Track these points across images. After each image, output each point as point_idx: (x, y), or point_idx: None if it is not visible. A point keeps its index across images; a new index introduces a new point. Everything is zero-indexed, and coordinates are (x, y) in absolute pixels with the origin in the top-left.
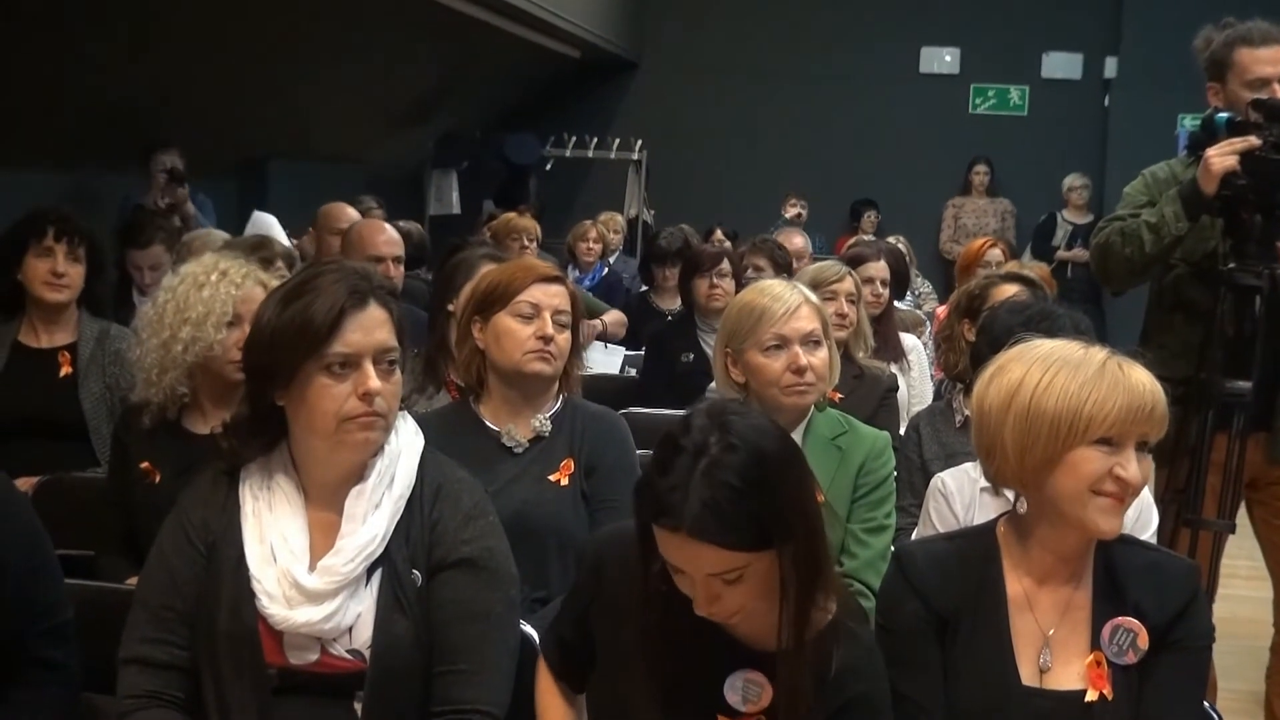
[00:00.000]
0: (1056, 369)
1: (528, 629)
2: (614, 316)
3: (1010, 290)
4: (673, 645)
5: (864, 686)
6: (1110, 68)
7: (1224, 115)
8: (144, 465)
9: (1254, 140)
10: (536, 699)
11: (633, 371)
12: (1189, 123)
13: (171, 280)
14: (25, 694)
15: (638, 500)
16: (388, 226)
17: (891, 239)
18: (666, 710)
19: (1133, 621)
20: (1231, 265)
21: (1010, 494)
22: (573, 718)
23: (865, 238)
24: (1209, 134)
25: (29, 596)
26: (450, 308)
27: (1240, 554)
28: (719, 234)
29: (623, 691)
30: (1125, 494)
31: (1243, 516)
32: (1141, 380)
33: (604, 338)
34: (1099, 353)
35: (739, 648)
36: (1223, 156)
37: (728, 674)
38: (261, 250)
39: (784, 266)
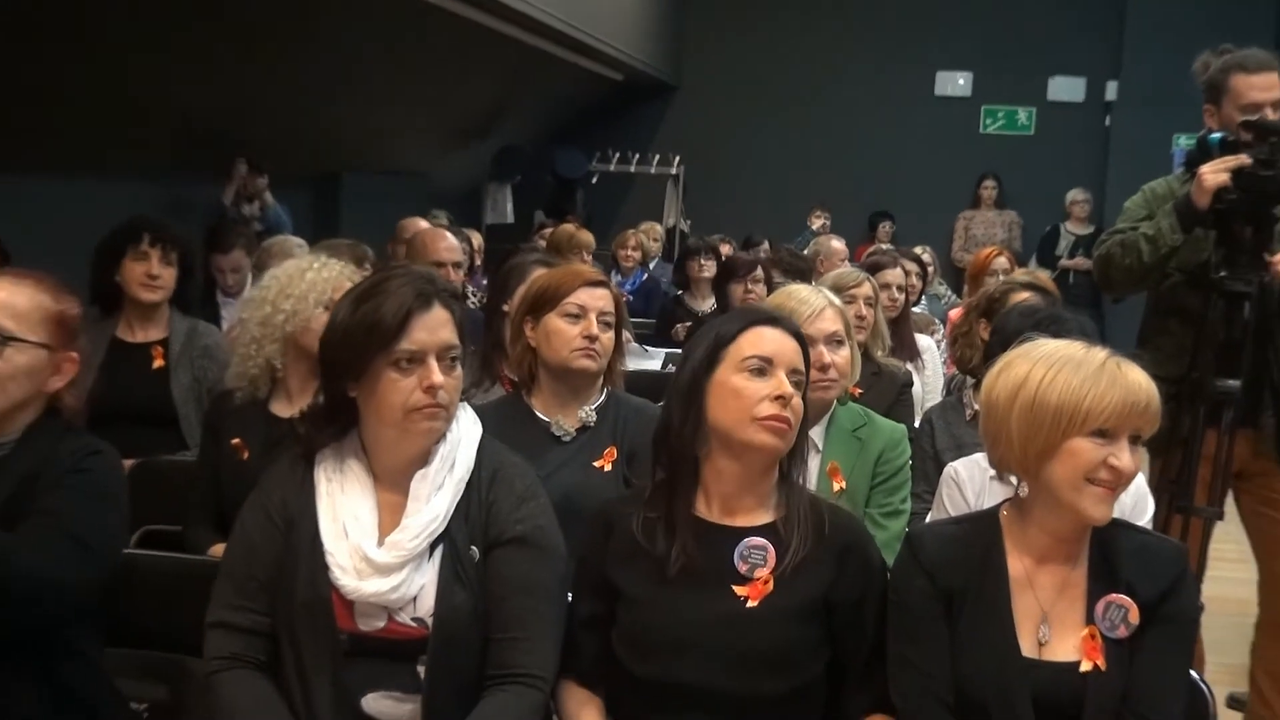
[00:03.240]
0: (1060, 366)
1: None
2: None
3: (1026, 296)
4: (684, 530)
5: (852, 537)
6: (1111, 91)
7: (1217, 135)
8: (235, 441)
9: (1244, 158)
10: (561, 712)
11: (672, 368)
12: (1184, 142)
13: (276, 270)
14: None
15: (725, 322)
16: (448, 234)
17: (918, 249)
18: (686, 602)
19: (1125, 598)
20: (1223, 274)
21: (1014, 480)
22: (598, 706)
23: (883, 246)
24: (1203, 152)
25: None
26: (505, 309)
27: (1228, 539)
28: (766, 245)
29: (647, 600)
30: (1117, 483)
31: (1230, 505)
32: (1138, 379)
33: None
34: (1100, 353)
35: (740, 530)
36: (1215, 173)
37: (733, 550)
38: (355, 251)
39: (798, 273)
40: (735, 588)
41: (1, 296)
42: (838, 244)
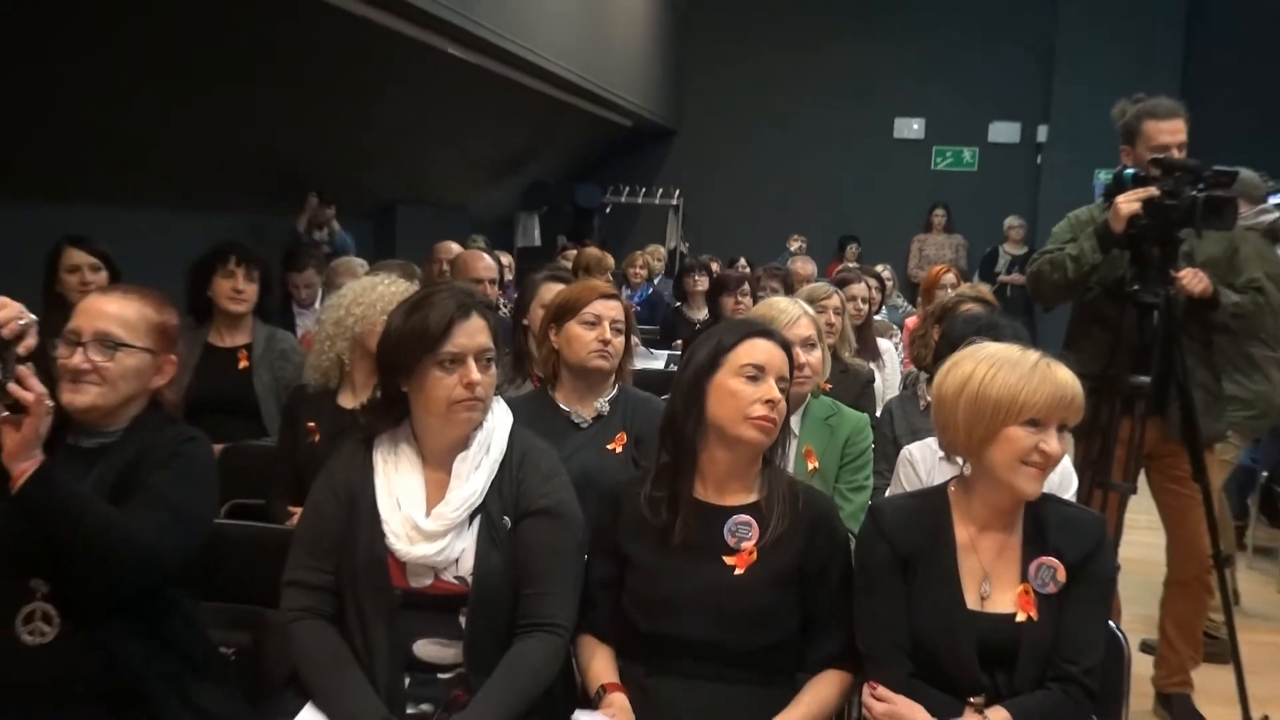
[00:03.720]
0: (999, 365)
1: None
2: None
3: (970, 307)
4: (685, 508)
5: (821, 514)
6: (1042, 134)
7: (1131, 171)
8: (310, 424)
9: (1154, 191)
10: (579, 660)
11: (674, 368)
12: (1103, 176)
13: (354, 283)
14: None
15: (726, 331)
16: (485, 255)
17: (879, 267)
18: (685, 569)
19: (1053, 560)
20: (1136, 287)
21: (960, 461)
22: (609, 655)
23: (850, 265)
24: (1119, 185)
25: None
26: (525, 321)
27: (1140, 510)
28: (743, 262)
29: (652, 567)
30: (1047, 464)
31: (1142, 481)
32: (1065, 377)
33: None
34: (1032, 354)
35: (729, 509)
36: (1129, 203)
37: (724, 525)
38: (406, 269)
39: (790, 287)
40: (725, 558)
41: (114, 309)
42: (802, 266)
